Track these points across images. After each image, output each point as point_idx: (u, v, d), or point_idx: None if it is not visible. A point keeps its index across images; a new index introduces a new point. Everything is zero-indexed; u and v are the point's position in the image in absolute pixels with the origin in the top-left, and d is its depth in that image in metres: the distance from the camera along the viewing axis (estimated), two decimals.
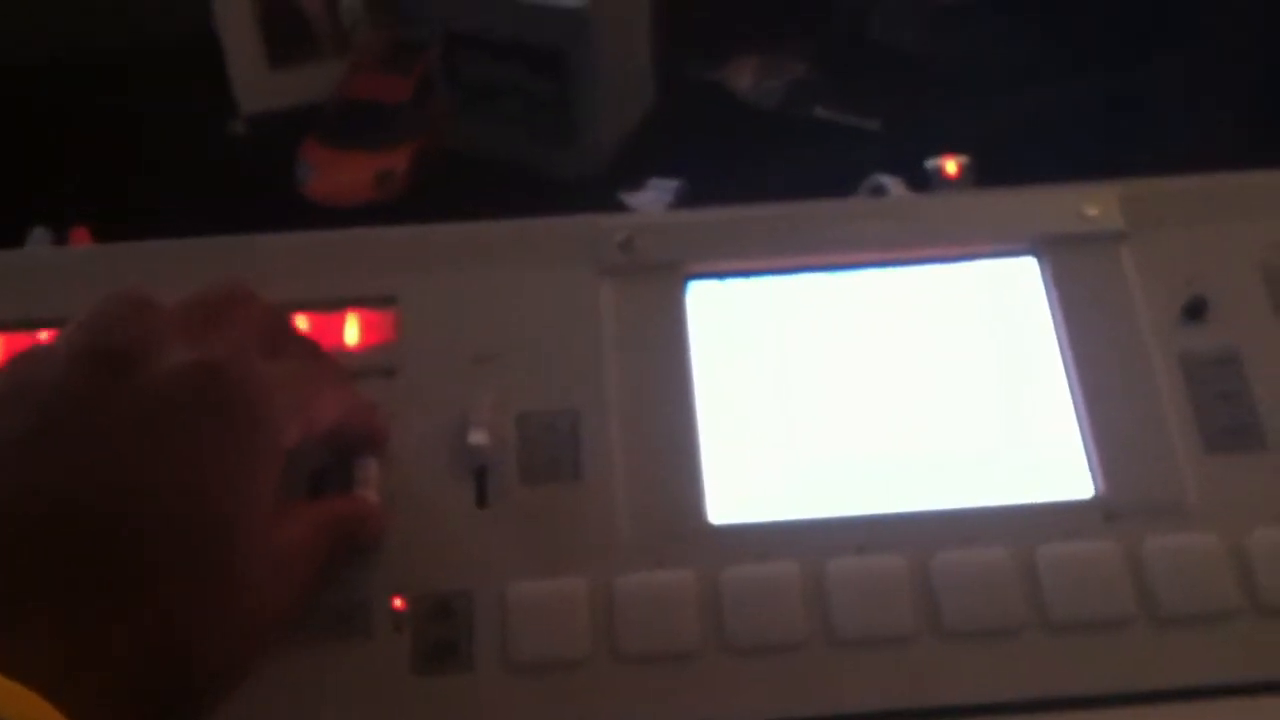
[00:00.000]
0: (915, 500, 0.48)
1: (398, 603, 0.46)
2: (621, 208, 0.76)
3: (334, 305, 0.51)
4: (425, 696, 0.45)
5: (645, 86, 0.89)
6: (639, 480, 0.48)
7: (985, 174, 0.61)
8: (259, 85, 0.95)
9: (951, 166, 0.59)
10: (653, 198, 0.66)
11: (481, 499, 0.48)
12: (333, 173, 0.87)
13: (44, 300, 0.52)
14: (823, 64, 0.95)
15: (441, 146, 0.88)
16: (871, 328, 0.51)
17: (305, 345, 0.47)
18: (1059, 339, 0.51)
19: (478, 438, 0.48)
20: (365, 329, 0.51)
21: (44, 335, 0.51)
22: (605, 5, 0.80)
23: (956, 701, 0.44)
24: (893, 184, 0.58)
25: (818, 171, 0.87)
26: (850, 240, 0.53)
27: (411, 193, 0.86)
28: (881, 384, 0.50)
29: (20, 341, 0.51)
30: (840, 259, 0.53)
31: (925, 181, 0.60)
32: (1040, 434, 0.49)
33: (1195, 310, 0.50)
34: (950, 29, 0.92)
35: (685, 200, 0.70)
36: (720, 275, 0.53)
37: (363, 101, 0.91)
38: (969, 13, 0.90)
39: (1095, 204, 0.53)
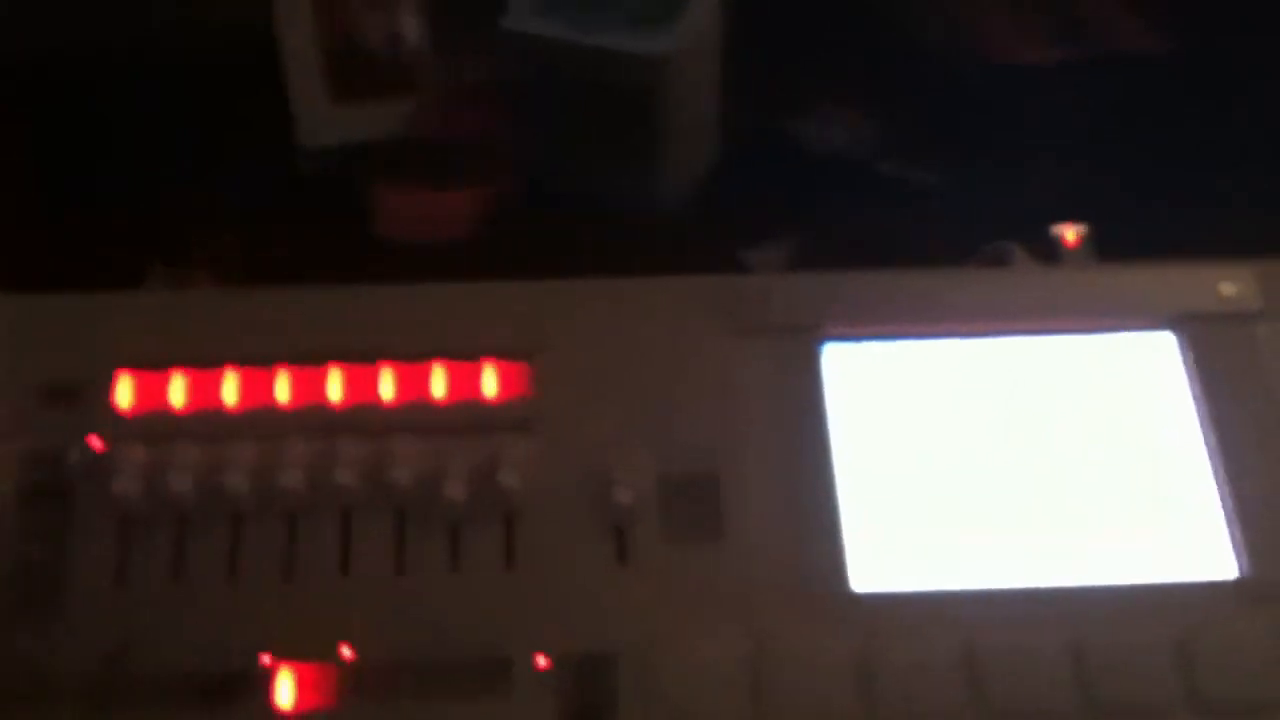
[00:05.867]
0: (1056, 575, 0.48)
1: (541, 661, 0.45)
2: (713, 261, 0.75)
3: (471, 355, 0.51)
4: None
5: (713, 134, 0.89)
6: (780, 544, 0.48)
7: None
8: (321, 120, 0.95)
9: (1071, 235, 0.59)
10: (769, 257, 0.66)
11: (622, 556, 0.48)
12: (403, 210, 0.87)
13: (171, 342, 0.51)
14: (889, 118, 0.94)
15: (513, 186, 0.88)
16: (1009, 396, 0.51)
17: None
18: (1198, 415, 0.50)
19: (623, 495, 0.48)
20: (503, 381, 0.51)
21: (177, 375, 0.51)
22: (689, 50, 0.80)
23: None
24: (1017, 251, 0.58)
25: (881, 226, 0.87)
26: (987, 308, 0.53)
27: (484, 234, 0.86)
28: (1020, 453, 0.50)
29: (150, 381, 0.51)
30: (977, 327, 0.53)
31: (1044, 249, 0.60)
32: (1181, 511, 0.49)
33: None
34: (1011, 90, 0.92)
35: (801, 259, 0.70)
36: (856, 338, 0.53)
37: (434, 138, 0.91)
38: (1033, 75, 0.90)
39: (1232, 282, 0.53)
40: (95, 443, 0.49)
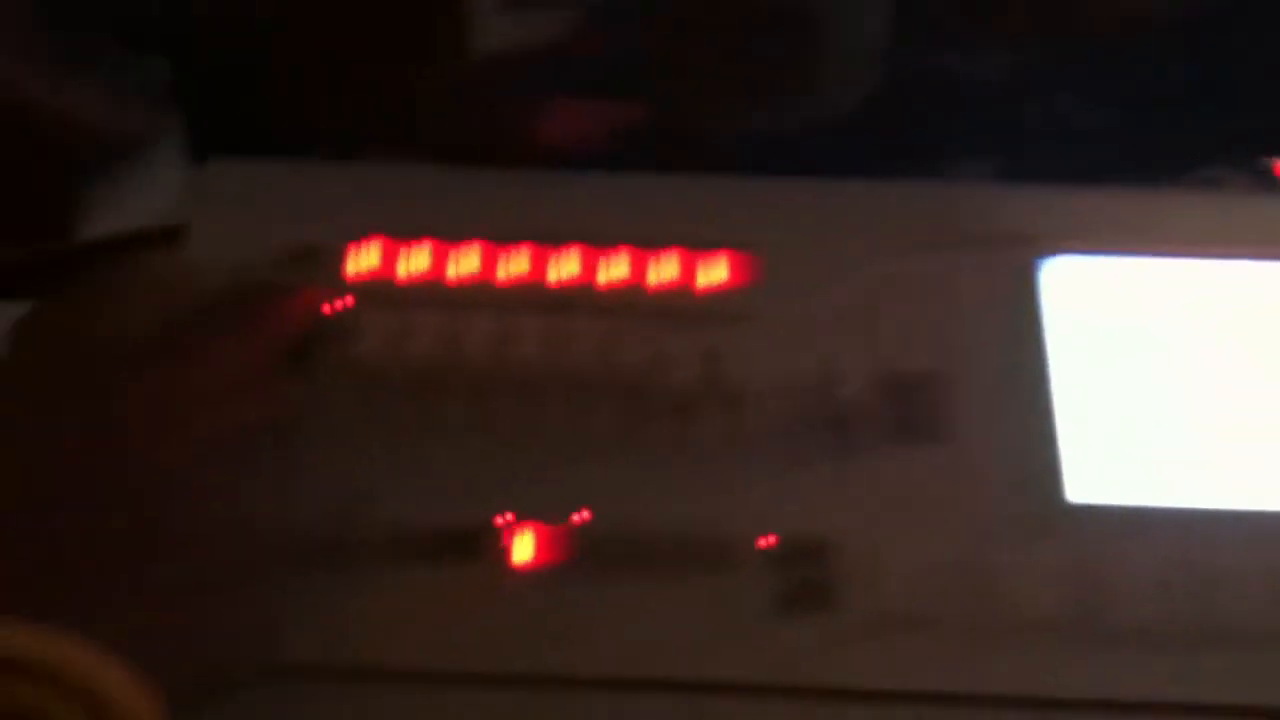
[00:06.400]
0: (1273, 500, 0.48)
1: (763, 542, 0.47)
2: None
3: (701, 244, 0.52)
4: (786, 638, 0.46)
5: (875, 61, 0.88)
6: (996, 452, 0.49)
7: None
8: (496, 24, 0.96)
9: None
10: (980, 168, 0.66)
11: (841, 450, 0.49)
12: (566, 120, 0.88)
13: (418, 213, 0.54)
14: (1058, 52, 0.92)
15: (673, 102, 0.88)
16: (1230, 320, 0.52)
17: None
18: None
19: (845, 390, 0.49)
20: (731, 271, 0.52)
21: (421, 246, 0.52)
22: None
23: None
24: (1231, 176, 0.58)
25: (1047, 162, 0.86)
26: (1207, 230, 0.53)
27: (643, 149, 0.86)
28: (1237, 377, 0.50)
29: (396, 249, 0.53)
30: (1198, 248, 0.53)
31: (1261, 178, 0.59)
32: None
33: None
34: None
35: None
36: (1077, 253, 0.53)
37: (598, 53, 0.91)
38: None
39: None
40: (338, 305, 0.51)
